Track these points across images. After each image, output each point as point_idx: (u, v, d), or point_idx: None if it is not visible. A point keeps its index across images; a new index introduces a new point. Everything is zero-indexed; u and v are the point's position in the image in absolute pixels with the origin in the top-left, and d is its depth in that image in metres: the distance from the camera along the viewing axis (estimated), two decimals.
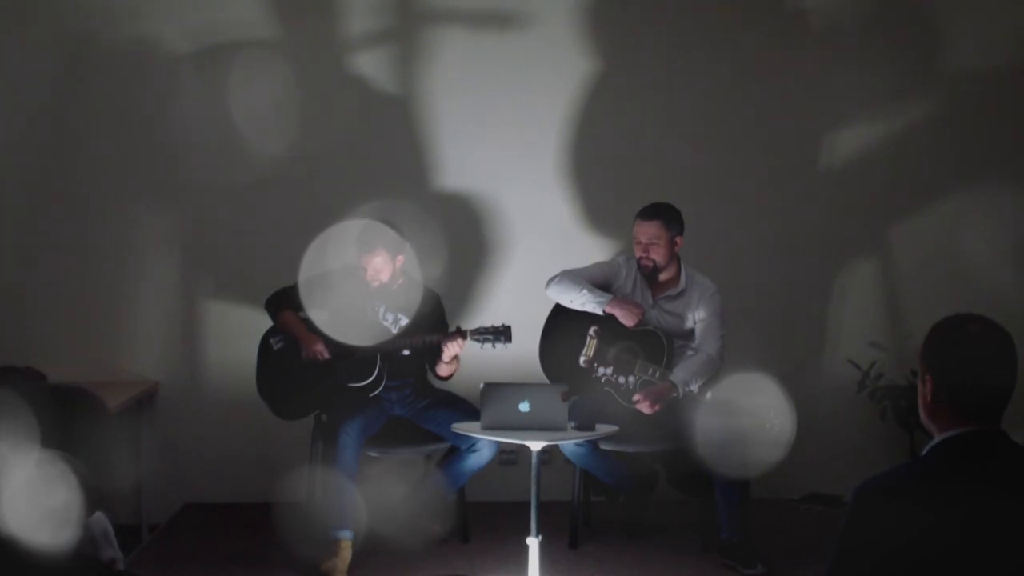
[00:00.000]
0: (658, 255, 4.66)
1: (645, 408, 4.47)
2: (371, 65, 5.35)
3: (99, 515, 2.46)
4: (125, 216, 5.30)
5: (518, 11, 5.36)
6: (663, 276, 4.72)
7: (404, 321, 4.70)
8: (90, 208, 5.28)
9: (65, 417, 1.97)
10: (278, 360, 4.74)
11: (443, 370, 4.67)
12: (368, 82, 5.36)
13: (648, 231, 4.65)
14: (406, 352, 4.64)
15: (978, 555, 1.99)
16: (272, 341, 4.77)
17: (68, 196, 5.27)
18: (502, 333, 4.54)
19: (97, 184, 5.27)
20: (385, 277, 4.60)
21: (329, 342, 4.61)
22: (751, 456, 4.26)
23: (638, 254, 4.70)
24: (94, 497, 1.92)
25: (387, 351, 4.61)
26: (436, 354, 4.62)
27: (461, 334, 4.54)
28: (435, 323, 4.75)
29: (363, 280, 4.60)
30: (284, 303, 4.71)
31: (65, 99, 5.25)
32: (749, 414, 4.27)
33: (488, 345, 4.55)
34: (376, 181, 5.28)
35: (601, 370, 4.64)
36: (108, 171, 5.27)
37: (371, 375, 4.57)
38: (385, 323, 4.70)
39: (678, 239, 4.69)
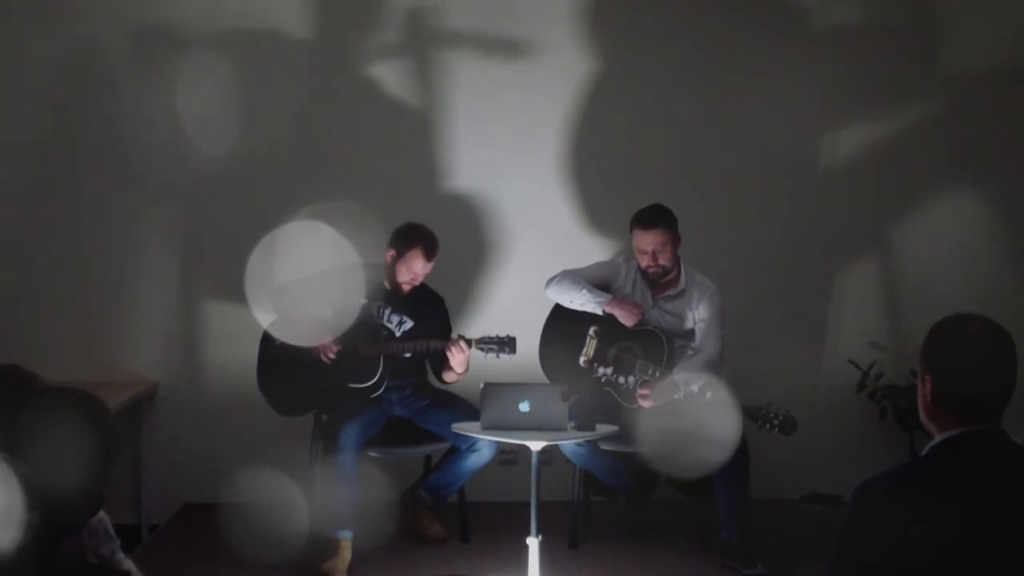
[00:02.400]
0: (666, 260, 4.65)
1: (645, 402, 4.47)
2: (373, 67, 5.35)
3: (100, 513, 2.48)
4: (125, 216, 5.29)
5: (518, 11, 5.36)
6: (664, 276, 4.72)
7: (408, 324, 4.70)
8: (90, 208, 5.27)
9: (16, 419, 1.97)
10: (280, 355, 4.72)
11: (450, 378, 4.66)
12: (370, 84, 5.35)
13: (654, 239, 4.63)
14: (407, 354, 4.64)
15: (978, 555, 1.99)
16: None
17: (68, 196, 5.26)
18: (507, 344, 4.51)
19: (97, 184, 5.26)
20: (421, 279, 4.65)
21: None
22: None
23: (645, 263, 4.67)
24: (36, 496, 1.92)
25: (391, 353, 4.61)
26: (439, 358, 4.62)
27: (466, 343, 4.52)
28: (439, 327, 4.75)
29: (381, 282, 4.62)
30: None
31: (63, 98, 5.24)
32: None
33: (492, 355, 4.54)
34: (378, 182, 5.29)
35: (601, 370, 4.63)
36: (108, 171, 5.26)
37: (374, 377, 4.56)
38: (390, 325, 4.69)
39: (679, 238, 4.70)
